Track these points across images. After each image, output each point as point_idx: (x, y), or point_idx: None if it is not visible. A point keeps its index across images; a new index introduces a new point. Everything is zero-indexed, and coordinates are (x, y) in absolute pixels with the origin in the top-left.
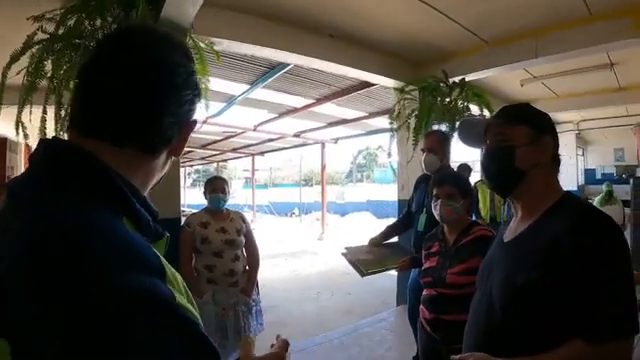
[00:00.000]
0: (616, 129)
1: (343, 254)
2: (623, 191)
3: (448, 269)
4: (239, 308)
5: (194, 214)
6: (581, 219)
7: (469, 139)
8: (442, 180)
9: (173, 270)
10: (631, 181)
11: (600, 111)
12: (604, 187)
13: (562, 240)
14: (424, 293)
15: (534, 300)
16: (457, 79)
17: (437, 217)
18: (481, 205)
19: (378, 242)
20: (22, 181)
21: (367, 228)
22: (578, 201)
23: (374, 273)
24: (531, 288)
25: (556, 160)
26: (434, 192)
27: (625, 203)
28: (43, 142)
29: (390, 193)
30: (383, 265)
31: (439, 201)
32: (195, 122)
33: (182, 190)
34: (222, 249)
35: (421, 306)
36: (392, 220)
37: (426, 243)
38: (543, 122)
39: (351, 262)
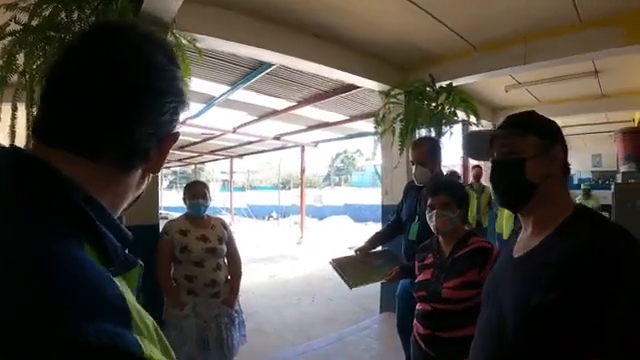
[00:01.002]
0: (594, 135)
1: (331, 264)
2: (600, 196)
3: (444, 283)
4: (221, 320)
5: (172, 220)
6: (598, 236)
7: (475, 152)
8: (436, 189)
9: (142, 312)
10: (612, 186)
11: (581, 118)
12: (582, 186)
13: (578, 259)
14: (418, 307)
15: (549, 321)
16: (444, 84)
17: (432, 228)
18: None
19: (366, 250)
20: None
21: (345, 232)
22: (593, 215)
23: (363, 285)
24: (546, 309)
25: (566, 170)
26: (428, 202)
27: (604, 208)
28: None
29: (368, 197)
30: (372, 277)
31: (434, 212)
32: (177, 135)
33: (159, 192)
34: (203, 258)
35: (415, 320)
36: (370, 224)
37: (420, 254)
38: (552, 130)
39: (339, 273)
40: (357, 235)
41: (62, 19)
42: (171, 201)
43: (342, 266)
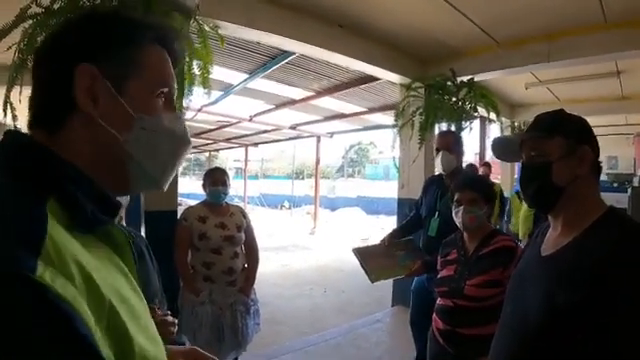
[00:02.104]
0: (612, 137)
1: (354, 253)
2: (614, 199)
3: (467, 280)
4: (237, 308)
5: (191, 207)
6: (629, 238)
7: (504, 156)
8: (464, 185)
9: (79, 258)
10: (629, 190)
11: (599, 119)
12: None
13: (608, 263)
14: (439, 302)
15: (574, 322)
16: (465, 78)
17: (458, 224)
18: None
19: (389, 241)
20: None
21: (358, 224)
22: (624, 217)
23: (384, 279)
24: (573, 309)
25: (596, 170)
26: (455, 197)
27: None
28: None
29: (381, 190)
30: (394, 271)
31: (461, 207)
32: (127, 69)
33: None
34: (221, 245)
35: (435, 315)
36: (382, 217)
37: (443, 249)
38: (579, 130)
39: (361, 264)
40: (369, 227)
41: (84, 2)
42: (185, 188)
43: (365, 257)
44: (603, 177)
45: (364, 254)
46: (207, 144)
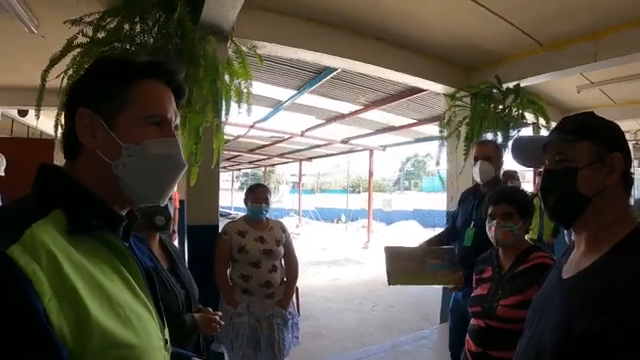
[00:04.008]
0: None
1: (385, 251)
2: None
3: (500, 300)
4: (274, 321)
5: (232, 222)
6: None
7: (525, 159)
8: (498, 197)
9: (55, 250)
10: None
11: None
12: None
13: (634, 290)
14: (472, 323)
15: (595, 354)
16: (511, 85)
17: (492, 240)
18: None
19: (428, 248)
20: None
21: (413, 237)
22: None
23: (403, 284)
24: (592, 340)
25: (627, 180)
26: (489, 211)
27: None
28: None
29: (438, 202)
30: (419, 278)
31: (494, 222)
32: (116, 112)
33: (230, 193)
34: (259, 259)
35: (467, 336)
36: (438, 230)
37: (478, 266)
38: (610, 136)
39: (386, 264)
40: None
41: (126, 31)
42: (242, 202)
43: (393, 257)
44: None
45: (394, 254)
46: (262, 159)
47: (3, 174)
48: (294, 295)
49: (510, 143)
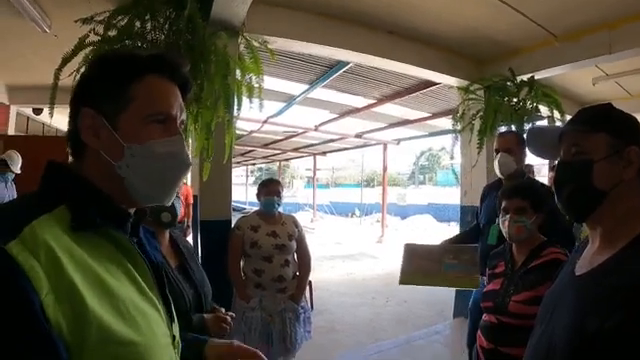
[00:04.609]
0: None
1: (404, 247)
2: None
3: (513, 295)
4: (286, 315)
5: (245, 216)
6: None
7: (540, 150)
8: (511, 192)
9: (55, 246)
10: None
11: None
12: None
13: None
14: (483, 319)
15: (608, 352)
16: (525, 77)
17: (505, 234)
18: None
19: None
20: None
21: (427, 231)
22: None
23: (414, 284)
24: (605, 337)
25: None
26: (502, 205)
27: None
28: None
29: (452, 196)
30: (431, 279)
31: (507, 216)
32: (118, 111)
33: (245, 188)
34: (272, 254)
35: (478, 332)
36: (453, 224)
37: (491, 261)
38: (628, 128)
39: (402, 260)
40: (439, 235)
41: (137, 28)
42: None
43: (410, 255)
44: None
45: (412, 252)
46: (276, 154)
47: (20, 171)
48: (307, 289)
49: (526, 132)
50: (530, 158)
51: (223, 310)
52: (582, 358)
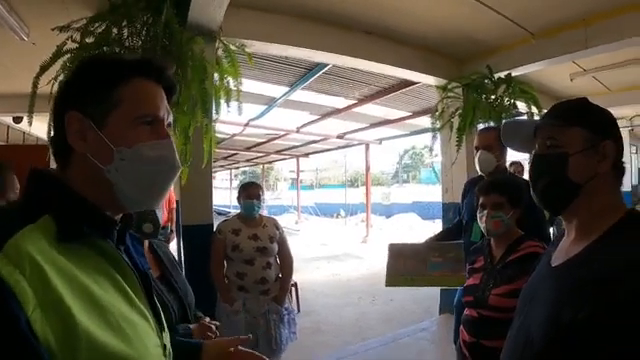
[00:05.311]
0: None
1: (388, 248)
2: None
3: (492, 289)
4: (270, 317)
5: (226, 220)
6: None
7: (514, 143)
8: (489, 187)
9: (39, 258)
10: None
11: None
12: None
13: (624, 274)
14: (465, 313)
15: (581, 343)
16: (502, 74)
17: (482, 230)
18: None
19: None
20: None
21: (412, 230)
22: None
23: (400, 286)
24: (578, 328)
25: (619, 169)
26: (480, 201)
27: None
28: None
29: (437, 194)
30: (415, 280)
31: (485, 212)
32: (105, 114)
33: (229, 191)
34: (253, 256)
35: (461, 326)
36: (437, 221)
37: (470, 256)
38: (603, 122)
39: (387, 261)
40: (424, 232)
41: (115, 35)
42: None
43: (395, 256)
44: None
45: (396, 252)
46: (260, 157)
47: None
48: (293, 291)
49: (502, 125)
50: (518, 155)
51: (207, 319)
52: (557, 348)
